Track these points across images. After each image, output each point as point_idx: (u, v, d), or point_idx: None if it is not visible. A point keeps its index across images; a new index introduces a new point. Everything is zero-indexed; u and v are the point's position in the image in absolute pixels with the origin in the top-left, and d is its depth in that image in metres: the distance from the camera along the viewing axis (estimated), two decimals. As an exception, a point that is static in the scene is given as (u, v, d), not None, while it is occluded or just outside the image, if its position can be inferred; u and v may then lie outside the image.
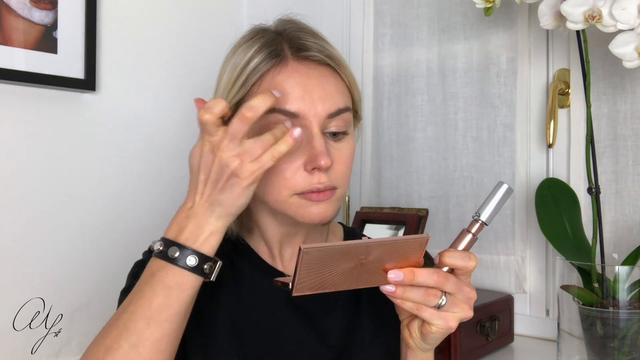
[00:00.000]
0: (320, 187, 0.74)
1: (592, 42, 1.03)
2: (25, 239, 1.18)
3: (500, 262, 1.30)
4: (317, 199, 0.74)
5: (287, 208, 0.76)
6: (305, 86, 0.75)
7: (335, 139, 0.77)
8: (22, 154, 1.18)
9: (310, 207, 0.75)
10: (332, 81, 0.77)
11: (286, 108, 0.73)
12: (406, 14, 1.48)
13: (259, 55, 0.76)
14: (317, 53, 0.77)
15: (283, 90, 0.74)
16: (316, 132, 0.74)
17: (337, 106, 0.76)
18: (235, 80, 0.77)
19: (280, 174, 0.74)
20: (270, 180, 0.75)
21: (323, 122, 0.75)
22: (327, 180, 0.74)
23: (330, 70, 0.78)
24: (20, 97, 1.18)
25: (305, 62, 0.77)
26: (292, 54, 0.77)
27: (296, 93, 0.74)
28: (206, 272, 0.68)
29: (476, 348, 1.13)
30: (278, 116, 0.73)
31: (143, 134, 1.36)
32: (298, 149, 0.73)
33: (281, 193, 0.75)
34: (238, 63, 0.77)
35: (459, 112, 1.37)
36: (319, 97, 0.75)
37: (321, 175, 0.74)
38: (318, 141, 0.73)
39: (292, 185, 0.74)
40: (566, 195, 1.06)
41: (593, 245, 0.97)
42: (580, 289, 0.95)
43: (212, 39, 1.48)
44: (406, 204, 1.45)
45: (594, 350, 0.93)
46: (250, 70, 0.76)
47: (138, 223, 1.34)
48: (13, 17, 1.14)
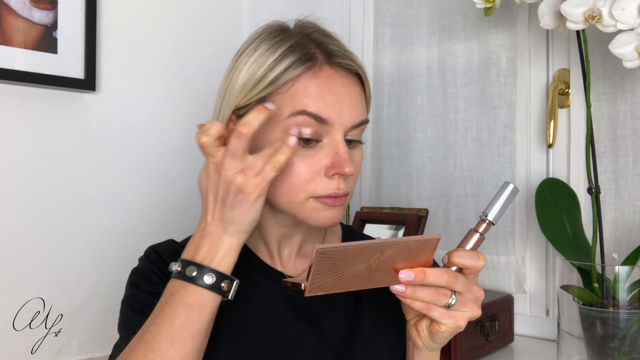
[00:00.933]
0: (339, 192, 0.75)
1: (592, 42, 1.03)
2: (25, 239, 1.18)
3: (500, 262, 1.30)
4: (332, 204, 0.76)
5: (300, 210, 0.76)
6: (337, 94, 0.76)
7: (350, 146, 0.78)
8: (22, 153, 1.18)
9: (323, 211, 0.76)
10: (359, 92, 0.80)
11: (319, 114, 0.74)
12: (406, 14, 1.48)
13: (290, 57, 0.76)
14: (349, 62, 0.79)
15: (317, 94, 0.75)
16: (341, 140, 0.76)
17: (361, 118, 0.78)
18: (261, 78, 0.76)
19: (299, 176, 0.75)
20: (287, 182, 0.75)
21: (346, 131, 0.77)
22: (345, 187, 0.76)
23: (357, 81, 0.80)
24: (20, 97, 1.18)
25: (337, 69, 0.78)
26: (325, 59, 0.77)
27: (329, 100, 0.75)
28: (224, 290, 0.69)
29: (476, 348, 1.13)
30: (307, 119, 0.74)
31: (143, 134, 1.37)
32: (319, 153, 0.75)
33: (298, 195, 0.75)
34: (265, 61, 0.76)
35: (459, 112, 1.37)
36: (347, 107, 0.76)
37: (341, 182, 0.75)
38: (343, 149, 0.75)
39: (311, 188, 0.75)
40: (566, 195, 1.06)
41: (593, 245, 0.97)
42: (580, 289, 0.95)
43: (211, 39, 1.48)
44: (406, 204, 1.45)
45: (594, 350, 0.93)
46: (281, 71, 0.75)
47: (138, 223, 1.34)
48: (13, 17, 1.14)
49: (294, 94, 0.75)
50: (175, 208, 1.41)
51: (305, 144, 0.75)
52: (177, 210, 1.41)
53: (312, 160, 0.74)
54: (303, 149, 0.74)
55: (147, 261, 0.83)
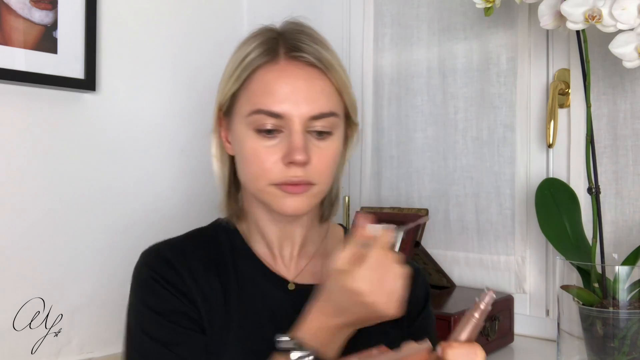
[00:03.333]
0: (294, 180, 0.77)
1: (592, 42, 1.03)
2: (25, 239, 1.18)
3: (500, 262, 1.30)
4: (291, 191, 0.78)
5: (265, 196, 0.80)
6: (293, 86, 0.78)
7: (319, 137, 0.80)
8: (21, 153, 1.18)
9: (285, 198, 0.78)
10: (320, 84, 0.80)
11: (272, 109, 0.77)
12: (406, 14, 1.48)
13: (255, 52, 0.80)
14: (307, 55, 0.79)
15: (270, 89, 0.78)
16: (297, 129, 0.77)
17: (321, 110, 0.79)
18: (231, 74, 0.81)
19: (260, 165, 0.78)
20: (250, 170, 0.79)
21: (306, 122, 0.78)
22: (302, 175, 0.77)
23: (319, 73, 0.80)
24: (20, 97, 1.17)
25: (295, 62, 0.79)
26: (285, 53, 0.80)
27: (282, 94, 0.77)
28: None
29: (476, 348, 1.13)
30: (264, 117, 0.78)
31: (143, 134, 1.36)
32: (280, 142, 0.78)
33: (259, 182, 0.79)
34: (238, 58, 0.81)
35: (459, 112, 1.37)
36: (303, 98, 0.78)
37: (297, 170, 0.77)
38: (296, 137, 0.77)
39: (269, 176, 0.78)
40: (566, 195, 1.06)
41: (593, 245, 0.97)
42: (580, 289, 0.95)
43: (211, 39, 1.48)
44: (406, 204, 1.45)
45: (594, 350, 0.93)
46: (245, 65, 0.80)
47: (138, 223, 1.34)
48: (13, 17, 1.14)
49: (252, 90, 0.79)
50: (176, 208, 1.41)
51: (267, 134, 0.78)
52: (177, 210, 1.41)
53: (272, 149, 0.78)
54: (264, 139, 0.78)
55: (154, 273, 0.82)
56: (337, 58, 0.83)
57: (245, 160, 0.81)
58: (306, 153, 0.76)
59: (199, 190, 1.40)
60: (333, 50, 0.83)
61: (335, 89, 0.81)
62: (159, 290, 0.80)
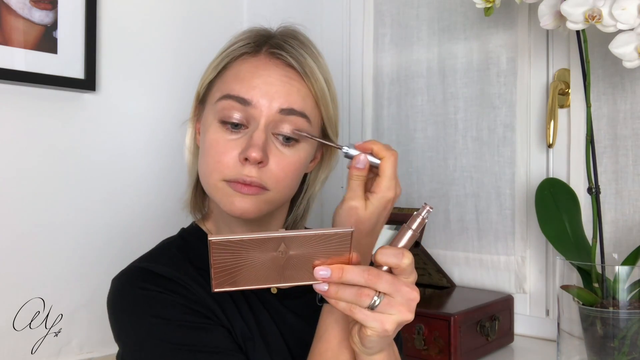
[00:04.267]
0: (247, 179, 0.73)
1: (592, 42, 1.03)
2: (25, 239, 1.18)
3: (500, 262, 1.30)
4: (241, 191, 0.73)
5: (215, 193, 0.76)
6: (266, 79, 0.75)
7: (286, 143, 0.76)
8: (21, 153, 1.18)
9: (234, 197, 0.74)
10: (296, 85, 0.77)
11: (240, 95, 0.74)
12: (406, 14, 1.48)
13: (239, 44, 0.78)
14: (288, 55, 0.77)
15: (243, 77, 0.75)
16: (261, 126, 0.74)
17: (292, 105, 0.75)
18: (211, 63, 0.80)
19: (216, 157, 0.74)
20: (207, 161, 0.76)
21: (274, 118, 0.75)
22: (256, 176, 0.73)
23: (297, 76, 0.77)
24: (20, 97, 1.18)
25: (275, 60, 0.77)
26: (267, 49, 0.78)
27: (254, 82, 0.75)
28: None
29: (476, 348, 1.13)
30: (231, 102, 0.75)
31: (143, 134, 1.36)
32: (242, 138, 0.74)
33: (212, 176, 0.75)
34: (222, 49, 0.80)
35: (459, 112, 1.37)
36: (276, 91, 0.75)
37: (251, 169, 0.73)
38: (258, 134, 0.74)
39: (222, 170, 0.74)
40: (566, 195, 1.06)
41: (593, 245, 0.97)
42: (580, 289, 0.95)
43: (211, 39, 1.48)
44: (406, 204, 1.45)
45: (594, 350, 0.93)
46: (225, 55, 0.79)
47: (138, 223, 1.34)
48: (13, 17, 1.14)
49: (226, 79, 0.77)
50: (176, 208, 1.40)
51: (231, 128, 0.75)
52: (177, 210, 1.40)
53: (232, 143, 0.74)
54: (227, 132, 0.75)
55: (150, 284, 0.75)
56: (324, 70, 0.80)
57: (203, 152, 0.77)
58: (263, 152, 0.72)
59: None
60: (323, 63, 0.80)
61: (313, 96, 0.78)
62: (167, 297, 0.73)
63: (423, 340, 1.10)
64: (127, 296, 0.75)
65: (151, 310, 0.73)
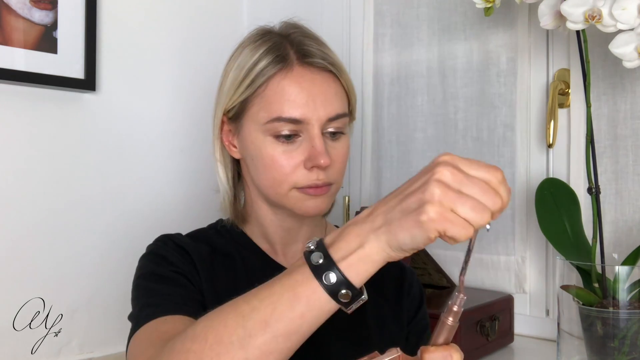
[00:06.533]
0: (318, 183, 0.80)
1: (592, 42, 1.03)
2: (26, 239, 1.18)
3: (500, 262, 1.30)
4: (314, 194, 0.80)
5: (286, 201, 0.82)
6: (309, 92, 0.80)
7: (333, 138, 0.83)
8: (22, 153, 1.18)
9: (307, 200, 0.81)
10: (333, 87, 0.82)
11: (292, 116, 0.79)
12: (406, 14, 1.48)
13: (266, 58, 0.81)
14: (320, 60, 0.82)
15: (288, 95, 0.79)
16: (317, 134, 0.80)
17: (337, 111, 0.82)
18: (242, 80, 0.82)
19: (280, 170, 0.80)
20: (270, 175, 0.81)
21: (324, 124, 0.81)
22: (325, 177, 0.80)
23: (331, 76, 0.83)
24: (20, 97, 1.18)
25: (309, 67, 0.81)
26: (297, 59, 0.81)
27: (300, 100, 0.79)
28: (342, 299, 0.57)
29: (476, 348, 1.13)
30: (284, 124, 0.79)
31: (143, 134, 1.37)
32: (299, 147, 0.80)
33: (282, 187, 0.81)
34: (245, 64, 0.82)
35: (459, 112, 1.37)
36: (321, 103, 0.80)
37: (320, 173, 0.80)
38: (318, 142, 0.79)
39: (292, 180, 0.80)
40: (566, 195, 1.06)
41: (593, 245, 0.97)
42: (580, 289, 0.95)
43: (211, 39, 1.48)
44: (406, 204, 1.45)
45: (594, 350, 0.93)
46: (257, 72, 0.81)
47: (138, 222, 1.34)
48: (13, 17, 1.14)
49: (269, 98, 0.80)
50: (176, 208, 1.41)
51: (285, 140, 0.80)
52: (177, 210, 1.41)
53: (292, 155, 0.80)
54: (283, 144, 0.80)
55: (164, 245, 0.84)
56: (334, 53, 0.86)
57: (264, 166, 0.82)
58: (329, 157, 0.79)
59: (198, 190, 1.40)
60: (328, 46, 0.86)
61: (344, 90, 0.85)
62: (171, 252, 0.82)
63: (423, 340, 1.10)
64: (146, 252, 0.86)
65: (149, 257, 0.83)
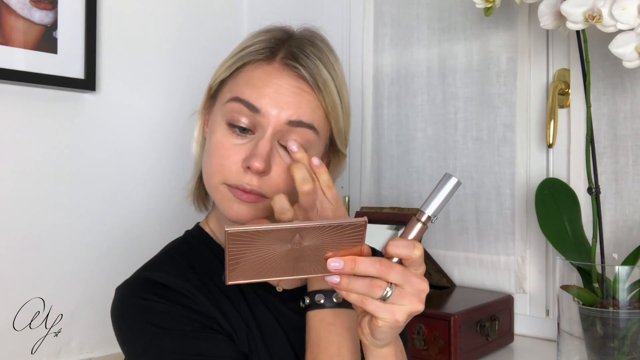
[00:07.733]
0: (246, 187, 0.73)
1: (592, 42, 1.03)
2: (25, 239, 1.18)
3: (500, 262, 1.30)
4: (239, 197, 0.74)
5: (215, 194, 0.76)
6: (278, 89, 0.75)
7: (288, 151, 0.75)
8: (22, 153, 1.18)
9: (233, 202, 0.75)
10: (307, 97, 0.76)
11: (250, 101, 0.74)
12: (406, 14, 1.48)
13: (256, 46, 0.78)
14: (302, 68, 0.76)
15: (255, 83, 0.75)
16: (268, 135, 0.74)
17: (301, 117, 0.75)
18: (227, 60, 0.79)
19: (220, 159, 0.75)
20: (211, 162, 0.76)
21: (281, 129, 0.74)
22: (256, 185, 0.74)
23: (309, 88, 0.76)
24: (20, 97, 1.18)
25: (288, 70, 0.76)
26: (282, 58, 0.77)
27: (264, 91, 0.74)
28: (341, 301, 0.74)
29: (476, 348, 1.13)
30: (240, 106, 0.74)
31: (142, 134, 1.37)
32: (246, 145, 0.74)
33: (214, 178, 0.76)
34: (240, 46, 0.79)
35: (459, 112, 1.37)
36: (285, 103, 0.74)
37: (252, 177, 0.73)
38: (263, 143, 0.73)
39: (224, 174, 0.74)
40: (566, 195, 1.06)
41: (593, 245, 0.97)
42: (580, 289, 0.95)
43: (211, 39, 1.48)
44: (406, 204, 1.45)
45: (594, 350, 0.93)
46: (241, 55, 0.78)
47: (138, 222, 1.34)
48: (13, 17, 1.14)
49: (238, 80, 0.76)
50: (175, 208, 1.41)
51: (239, 133, 0.75)
52: (177, 210, 1.41)
53: (237, 149, 0.74)
54: (234, 136, 0.75)
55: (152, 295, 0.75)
56: (339, 81, 0.79)
57: (208, 150, 0.78)
58: (267, 163, 0.72)
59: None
60: (339, 73, 0.80)
61: (323, 110, 0.78)
62: (168, 308, 0.73)
63: (423, 340, 1.10)
64: (129, 306, 0.75)
65: (152, 320, 0.72)
